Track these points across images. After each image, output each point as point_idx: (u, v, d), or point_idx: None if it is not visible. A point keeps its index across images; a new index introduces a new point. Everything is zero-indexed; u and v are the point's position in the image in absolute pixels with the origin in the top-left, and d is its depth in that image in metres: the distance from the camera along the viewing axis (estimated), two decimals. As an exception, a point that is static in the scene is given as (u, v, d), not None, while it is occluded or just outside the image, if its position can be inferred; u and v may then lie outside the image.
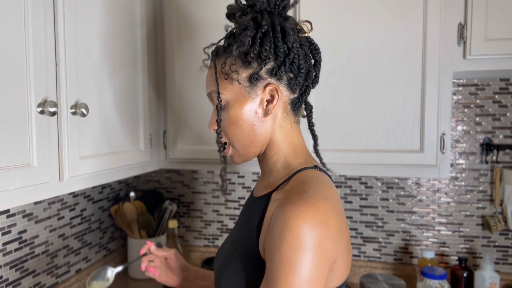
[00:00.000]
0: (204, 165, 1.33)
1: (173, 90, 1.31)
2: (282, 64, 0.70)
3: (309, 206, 0.58)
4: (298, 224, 0.57)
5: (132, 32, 1.15)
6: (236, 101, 0.71)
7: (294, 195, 0.62)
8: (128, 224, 1.56)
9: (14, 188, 0.72)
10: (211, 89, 0.75)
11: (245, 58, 0.69)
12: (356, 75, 1.16)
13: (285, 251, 0.56)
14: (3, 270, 1.11)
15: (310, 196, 0.60)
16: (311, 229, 0.57)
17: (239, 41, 0.69)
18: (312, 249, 0.56)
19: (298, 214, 0.57)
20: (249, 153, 0.75)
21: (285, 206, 0.60)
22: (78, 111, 0.86)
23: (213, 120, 0.77)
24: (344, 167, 1.20)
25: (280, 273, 0.56)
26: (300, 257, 0.56)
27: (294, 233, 0.56)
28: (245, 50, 0.69)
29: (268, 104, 0.72)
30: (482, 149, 1.42)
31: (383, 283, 1.29)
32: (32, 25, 0.76)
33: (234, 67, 0.70)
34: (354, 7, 1.15)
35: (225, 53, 0.72)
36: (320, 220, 0.58)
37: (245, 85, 0.71)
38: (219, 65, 0.73)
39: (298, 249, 0.56)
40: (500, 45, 1.09)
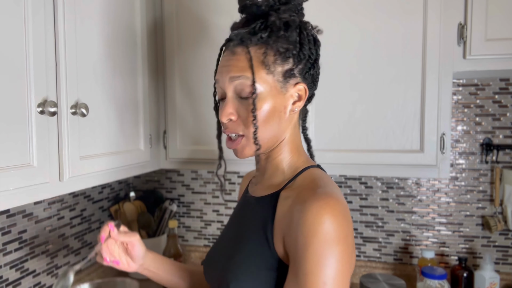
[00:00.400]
0: (204, 165, 1.33)
1: (173, 90, 1.31)
2: (311, 67, 0.73)
3: (334, 201, 0.61)
4: (328, 218, 0.59)
5: (132, 32, 1.15)
6: (269, 94, 0.70)
7: (312, 191, 0.64)
8: (128, 224, 1.56)
9: (14, 188, 0.72)
10: (241, 73, 0.69)
11: (286, 53, 0.70)
12: (356, 75, 1.16)
13: (317, 245, 0.58)
14: (3, 270, 1.11)
15: (330, 192, 0.63)
16: (339, 222, 0.59)
17: (282, 35, 0.69)
18: (341, 242, 0.59)
19: (326, 209, 0.59)
20: (263, 147, 0.73)
21: (310, 201, 0.61)
22: (78, 111, 0.86)
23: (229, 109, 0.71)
24: (344, 167, 1.20)
25: (313, 267, 0.58)
26: (332, 250, 0.58)
27: (325, 227, 0.58)
28: (288, 46, 0.70)
29: (295, 103, 0.73)
30: (482, 149, 1.42)
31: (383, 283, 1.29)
32: (32, 25, 0.76)
33: (275, 60, 0.70)
34: (354, 7, 1.15)
35: (266, 44, 0.70)
36: (344, 214, 0.61)
37: (280, 80, 0.70)
38: (256, 53, 0.69)
39: (330, 242, 0.58)
40: (500, 45, 1.09)
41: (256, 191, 0.79)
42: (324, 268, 0.58)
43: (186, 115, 1.31)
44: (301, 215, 0.61)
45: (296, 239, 0.61)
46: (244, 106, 0.70)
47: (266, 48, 0.69)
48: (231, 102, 0.71)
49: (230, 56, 0.71)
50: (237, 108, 0.71)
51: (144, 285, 1.53)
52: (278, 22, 0.69)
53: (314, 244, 0.58)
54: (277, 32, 0.69)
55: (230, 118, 0.71)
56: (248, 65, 0.69)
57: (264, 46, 0.69)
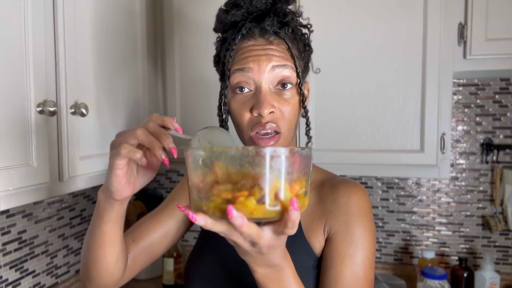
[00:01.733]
0: (204, 165, 1.32)
1: (173, 90, 1.31)
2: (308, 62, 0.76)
3: (363, 187, 0.71)
4: (367, 199, 0.70)
5: (132, 32, 1.15)
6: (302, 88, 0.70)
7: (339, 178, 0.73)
8: (128, 224, 1.56)
9: (14, 188, 0.72)
10: (287, 63, 0.65)
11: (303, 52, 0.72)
12: (356, 75, 1.16)
13: (365, 222, 0.67)
14: (3, 270, 1.11)
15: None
16: (370, 203, 0.71)
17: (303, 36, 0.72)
18: (373, 219, 0.71)
19: (364, 191, 0.70)
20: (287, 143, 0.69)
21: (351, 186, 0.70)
22: (78, 111, 0.86)
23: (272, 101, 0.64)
24: (344, 167, 1.20)
25: (366, 242, 0.66)
26: (373, 226, 0.69)
27: (368, 207, 0.69)
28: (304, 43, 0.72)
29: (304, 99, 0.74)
30: (482, 148, 1.42)
31: (383, 283, 1.29)
32: (32, 25, 0.76)
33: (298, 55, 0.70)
34: (354, 7, 1.15)
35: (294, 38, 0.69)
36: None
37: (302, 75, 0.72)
38: (293, 47, 0.69)
39: (371, 219, 0.69)
40: (500, 45, 1.09)
41: None
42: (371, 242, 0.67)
43: (186, 115, 1.31)
44: (348, 199, 0.68)
45: (346, 220, 0.67)
46: (283, 98, 0.65)
47: (292, 43, 0.69)
48: (269, 93, 0.64)
49: (266, 45, 0.65)
50: (276, 100, 0.65)
51: (144, 285, 1.53)
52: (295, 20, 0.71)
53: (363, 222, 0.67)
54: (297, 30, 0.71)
55: (272, 111, 0.64)
56: (290, 56, 0.66)
57: (291, 41, 0.69)
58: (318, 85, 1.19)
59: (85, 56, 0.93)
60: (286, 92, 0.66)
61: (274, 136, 0.65)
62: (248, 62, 0.65)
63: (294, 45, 0.69)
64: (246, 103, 0.66)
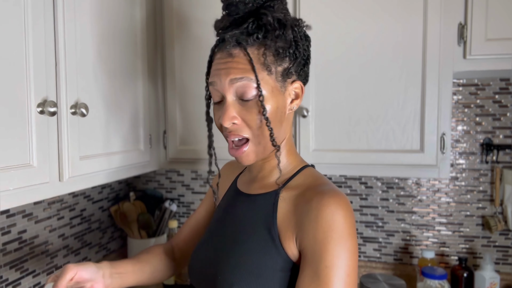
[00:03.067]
0: (205, 165, 1.33)
1: (173, 90, 1.31)
2: (305, 64, 0.74)
3: (345, 198, 0.65)
4: (344, 214, 0.63)
5: (132, 32, 1.15)
6: (272, 94, 0.69)
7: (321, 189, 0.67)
8: (128, 224, 1.56)
9: (14, 188, 0.72)
10: (243, 75, 0.67)
11: (283, 53, 0.69)
12: (356, 75, 1.16)
13: (337, 239, 0.62)
14: (3, 270, 1.11)
15: (336, 190, 0.67)
16: (350, 218, 0.64)
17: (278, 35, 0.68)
18: (354, 235, 0.64)
19: (342, 205, 0.64)
20: (267, 150, 0.72)
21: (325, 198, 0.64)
22: (78, 111, 0.86)
23: (232, 113, 0.69)
24: (344, 167, 1.20)
25: (335, 260, 0.61)
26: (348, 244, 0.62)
27: (342, 222, 0.63)
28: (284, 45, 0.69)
29: (292, 101, 0.73)
30: (482, 149, 1.42)
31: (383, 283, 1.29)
32: (32, 25, 0.76)
33: (272, 60, 0.69)
34: (354, 7, 1.15)
35: (262, 44, 0.68)
36: (351, 210, 0.66)
37: (279, 79, 0.70)
38: (256, 54, 0.68)
39: (346, 236, 0.62)
40: (500, 45, 1.09)
41: (249, 188, 0.78)
42: (344, 260, 0.62)
43: (186, 115, 1.31)
44: (319, 212, 0.63)
45: (315, 235, 0.63)
46: (246, 109, 0.68)
47: (265, 48, 0.68)
48: (232, 105, 0.69)
49: (227, 58, 0.69)
50: (239, 111, 0.69)
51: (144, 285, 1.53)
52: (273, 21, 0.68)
53: (334, 238, 0.62)
54: (272, 32, 0.68)
55: (234, 122, 0.69)
56: (250, 68, 0.67)
57: (263, 47, 0.68)
58: (318, 85, 1.19)
59: (85, 56, 0.93)
60: (247, 103, 0.68)
61: (244, 145, 0.70)
62: (214, 76, 0.70)
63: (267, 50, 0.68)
64: (218, 113, 0.72)
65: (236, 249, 0.71)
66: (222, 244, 0.75)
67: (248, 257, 0.68)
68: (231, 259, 0.70)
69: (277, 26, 0.69)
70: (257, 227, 0.70)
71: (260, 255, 0.67)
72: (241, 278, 0.66)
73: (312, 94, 1.19)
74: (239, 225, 0.74)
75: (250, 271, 0.66)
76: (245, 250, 0.69)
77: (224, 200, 0.85)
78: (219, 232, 0.78)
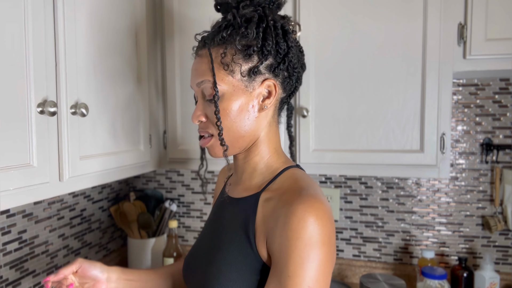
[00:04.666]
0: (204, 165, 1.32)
1: (173, 90, 1.31)
2: (281, 62, 0.71)
3: (318, 203, 0.61)
4: (313, 221, 0.59)
5: (133, 31, 1.15)
6: (233, 94, 0.69)
7: (296, 193, 0.63)
8: (128, 224, 1.56)
9: (14, 188, 0.72)
10: (203, 78, 0.70)
11: (247, 51, 0.68)
12: (356, 75, 1.16)
13: (301, 248, 0.58)
14: (3, 270, 1.11)
15: (313, 194, 0.62)
16: (323, 225, 0.60)
17: (242, 32, 0.68)
18: (325, 244, 0.59)
19: (311, 212, 0.60)
20: (235, 147, 0.73)
21: (293, 205, 0.61)
22: (78, 111, 0.86)
23: (199, 111, 0.73)
24: (344, 167, 1.20)
25: (297, 270, 0.58)
26: (316, 253, 0.58)
27: (310, 230, 0.59)
28: (248, 43, 0.68)
29: (264, 100, 0.72)
30: (482, 149, 1.42)
31: (383, 283, 1.29)
32: (32, 25, 0.76)
33: (235, 58, 0.68)
34: (354, 7, 1.15)
35: (224, 43, 0.68)
36: (328, 215, 0.62)
37: (243, 79, 0.69)
38: (216, 54, 0.69)
39: (314, 245, 0.58)
40: (500, 45, 1.09)
41: (234, 191, 0.78)
42: (308, 270, 0.58)
43: (186, 115, 1.31)
44: (286, 218, 0.60)
45: (281, 241, 0.60)
46: (210, 108, 0.71)
47: (225, 47, 0.68)
48: (200, 105, 0.73)
49: (197, 59, 0.73)
50: (204, 110, 0.72)
51: None
52: (238, 18, 0.68)
53: (299, 247, 0.58)
54: (237, 30, 0.68)
55: (200, 120, 0.73)
56: (209, 68, 0.69)
57: (223, 46, 0.69)
58: (318, 85, 1.19)
59: (85, 56, 0.93)
60: (209, 102, 0.71)
61: (207, 138, 0.74)
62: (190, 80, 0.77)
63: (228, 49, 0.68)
64: None
65: (218, 256, 0.70)
66: (205, 249, 0.76)
67: (228, 264, 0.68)
68: (213, 267, 0.70)
69: (242, 23, 0.68)
70: (237, 231, 0.70)
71: (239, 260, 0.67)
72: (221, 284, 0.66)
73: (312, 94, 1.19)
74: (223, 230, 0.74)
75: (229, 277, 0.66)
76: (225, 257, 0.69)
77: (216, 204, 0.85)
78: (206, 237, 0.79)
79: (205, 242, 0.78)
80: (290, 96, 0.78)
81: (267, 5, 0.71)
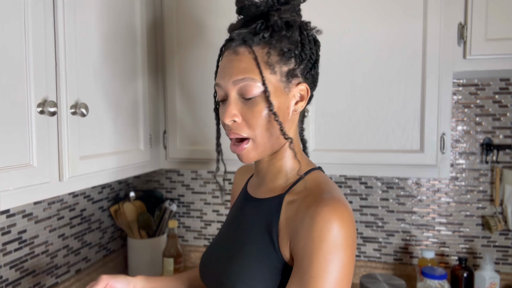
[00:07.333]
0: (204, 165, 1.33)
1: (173, 90, 1.31)
2: (312, 68, 0.73)
3: (343, 207, 0.62)
4: (338, 224, 0.60)
5: (132, 31, 1.15)
6: (275, 94, 0.69)
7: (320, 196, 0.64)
8: (128, 224, 1.56)
9: (14, 188, 0.72)
10: (245, 75, 0.68)
11: (288, 53, 0.69)
12: (356, 75, 1.16)
13: (326, 250, 0.60)
14: (3, 270, 1.11)
15: (337, 198, 0.64)
16: (347, 228, 0.61)
17: (286, 35, 0.69)
18: (348, 247, 0.61)
19: (336, 214, 0.61)
20: (268, 149, 0.72)
21: (318, 207, 0.62)
22: (78, 111, 0.86)
23: (233, 110, 0.69)
24: (344, 167, 1.20)
25: (321, 271, 0.59)
26: (339, 256, 0.60)
27: (334, 233, 0.60)
28: (290, 46, 0.70)
29: (297, 103, 0.73)
30: (482, 149, 1.42)
31: (383, 283, 1.29)
32: (32, 25, 0.76)
33: (277, 59, 0.69)
34: (354, 7, 1.15)
35: (268, 44, 0.69)
36: (351, 219, 0.63)
37: (283, 79, 0.70)
38: (260, 53, 0.69)
39: (338, 248, 0.60)
40: (500, 45, 1.09)
41: (257, 192, 0.79)
42: (332, 272, 0.59)
43: (186, 115, 1.31)
44: (311, 220, 0.62)
45: (305, 243, 0.62)
46: (248, 107, 0.69)
47: (269, 48, 0.69)
48: (234, 103, 0.70)
49: (232, 56, 0.70)
50: (240, 109, 0.69)
51: None
52: (280, 22, 0.68)
53: (323, 249, 0.60)
54: (279, 32, 0.69)
55: (234, 120, 0.69)
56: (254, 65, 0.68)
57: (267, 46, 0.69)
58: (318, 85, 1.19)
59: (85, 56, 0.93)
60: (249, 102, 0.69)
61: (243, 142, 0.70)
62: (219, 78, 0.72)
63: (272, 50, 0.69)
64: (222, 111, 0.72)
65: (240, 254, 0.72)
66: (228, 248, 0.77)
67: (250, 262, 0.69)
68: (234, 264, 0.71)
69: (284, 27, 0.69)
70: (260, 231, 0.71)
71: (261, 260, 0.68)
72: (243, 282, 0.67)
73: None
74: (244, 229, 0.75)
75: (252, 275, 0.67)
76: (248, 255, 0.70)
77: (236, 203, 0.86)
78: (227, 235, 0.80)
79: (225, 241, 0.79)
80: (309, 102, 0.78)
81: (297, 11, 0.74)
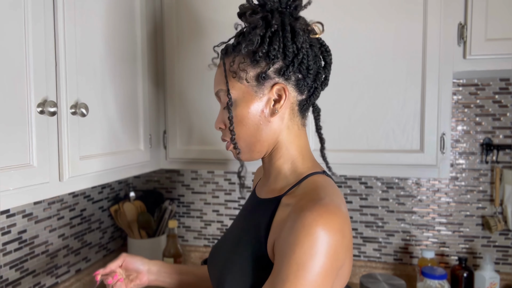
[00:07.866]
0: (204, 165, 1.33)
1: (173, 90, 1.31)
2: (290, 64, 0.70)
3: (328, 214, 0.59)
4: (318, 231, 0.57)
5: (132, 31, 1.15)
6: (243, 100, 0.72)
7: (310, 201, 0.62)
8: (128, 224, 1.56)
9: (14, 188, 0.72)
10: (219, 87, 0.75)
11: (254, 57, 0.69)
12: (356, 75, 1.16)
13: (299, 255, 0.57)
14: (3, 270, 1.11)
15: (328, 204, 0.61)
16: (329, 236, 0.57)
17: (248, 39, 0.69)
18: (326, 256, 0.57)
19: (318, 221, 0.58)
20: (253, 151, 0.75)
21: (303, 211, 0.60)
22: (78, 111, 0.86)
23: (219, 119, 0.78)
24: (344, 167, 1.20)
25: (291, 275, 0.57)
26: (313, 263, 0.56)
27: (312, 239, 0.57)
28: (254, 49, 0.69)
29: (275, 104, 0.72)
30: (482, 149, 1.42)
31: (383, 283, 1.29)
32: (32, 25, 0.76)
33: (242, 66, 0.70)
34: (354, 6, 1.15)
35: (234, 52, 0.72)
36: (338, 228, 0.59)
37: (253, 84, 0.71)
38: (227, 63, 0.73)
39: (313, 255, 0.57)
40: (500, 45, 1.09)
41: (261, 192, 0.79)
42: (301, 278, 0.57)
43: (186, 115, 1.31)
44: (293, 224, 0.60)
45: (282, 245, 0.60)
46: (225, 115, 0.75)
47: (234, 56, 0.72)
48: (220, 112, 0.78)
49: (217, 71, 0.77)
50: (222, 117, 0.77)
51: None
52: (247, 27, 0.70)
53: (297, 253, 0.57)
54: (245, 37, 0.70)
55: (220, 127, 0.78)
56: (223, 76, 0.74)
57: (233, 55, 0.73)
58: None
59: (85, 56, 0.93)
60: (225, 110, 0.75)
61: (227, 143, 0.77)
62: None
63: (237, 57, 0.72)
64: None
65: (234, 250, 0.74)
66: (227, 244, 0.78)
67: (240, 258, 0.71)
68: (228, 259, 0.73)
69: (250, 31, 0.70)
70: (254, 230, 0.71)
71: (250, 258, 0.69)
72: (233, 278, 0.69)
73: (312, 94, 1.19)
74: (244, 228, 0.76)
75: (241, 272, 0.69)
76: (240, 253, 0.71)
77: (246, 201, 0.88)
78: (232, 231, 0.82)
79: (229, 236, 0.81)
80: (312, 98, 0.76)
81: (284, 9, 0.72)
